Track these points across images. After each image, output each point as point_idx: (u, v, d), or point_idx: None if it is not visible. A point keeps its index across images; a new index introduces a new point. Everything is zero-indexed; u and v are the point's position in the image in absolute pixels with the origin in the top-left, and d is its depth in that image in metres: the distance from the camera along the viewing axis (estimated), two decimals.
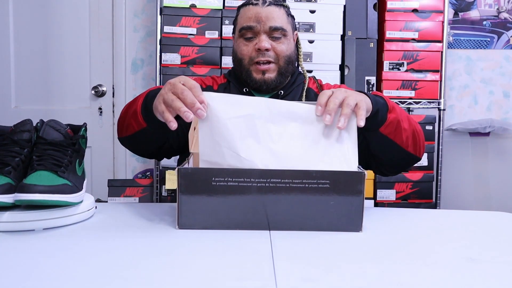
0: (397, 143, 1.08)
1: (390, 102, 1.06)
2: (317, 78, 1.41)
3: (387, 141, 1.07)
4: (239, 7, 1.33)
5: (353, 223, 0.87)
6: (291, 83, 1.34)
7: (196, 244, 0.79)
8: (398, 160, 1.14)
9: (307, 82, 1.35)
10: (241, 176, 0.84)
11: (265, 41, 1.25)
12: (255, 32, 1.27)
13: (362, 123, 0.89)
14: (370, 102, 0.95)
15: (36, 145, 0.92)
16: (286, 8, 1.31)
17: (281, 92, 1.32)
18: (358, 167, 0.91)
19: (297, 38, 1.36)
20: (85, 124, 1.01)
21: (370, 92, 1.16)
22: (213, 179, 0.84)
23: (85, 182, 1.00)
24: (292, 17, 1.34)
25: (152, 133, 1.09)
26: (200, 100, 0.88)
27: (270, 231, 0.86)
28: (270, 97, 1.32)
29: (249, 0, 1.30)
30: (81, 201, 0.93)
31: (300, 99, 1.32)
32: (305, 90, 1.33)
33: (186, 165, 0.94)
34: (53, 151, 0.92)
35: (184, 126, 1.03)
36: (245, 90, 1.33)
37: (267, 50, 1.26)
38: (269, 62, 1.27)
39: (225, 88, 1.36)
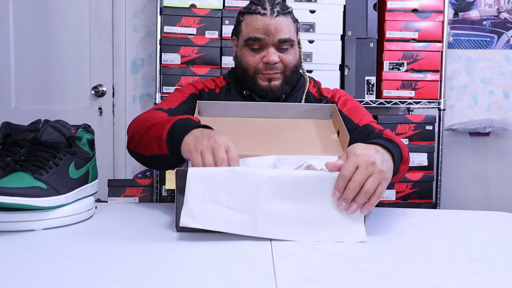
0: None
1: (404, 153, 1.01)
2: (316, 80, 1.41)
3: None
4: (243, 13, 1.29)
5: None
6: (292, 87, 1.34)
7: (194, 246, 0.79)
8: None
9: (307, 85, 1.35)
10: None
11: (273, 55, 1.24)
12: (262, 45, 1.25)
13: (364, 213, 0.83)
14: (392, 167, 0.88)
15: (32, 146, 0.91)
16: (292, 14, 1.29)
17: (282, 96, 1.32)
18: None
19: (299, 40, 1.36)
20: (83, 125, 0.98)
21: (382, 132, 1.09)
22: None
23: (88, 185, 0.98)
24: (297, 21, 1.32)
25: (172, 160, 1.02)
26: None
27: None
28: (270, 101, 1.32)
29: (256, 8, 1.25)
30: (60, 205, 0.89)
31: (300, 102, 1.32)
32: (305, 93, 1.33)
33: (184, 167, 0.93)
34: (42, 152, 0.90)
35: None
36: (245, 92, 1.32)
37: (275, 63, 1.25)
38: (275, 73, 1.26)
39: (226, 90, 1.35)
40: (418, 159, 2.17)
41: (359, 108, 1.30)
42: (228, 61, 2.09)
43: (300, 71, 1.38)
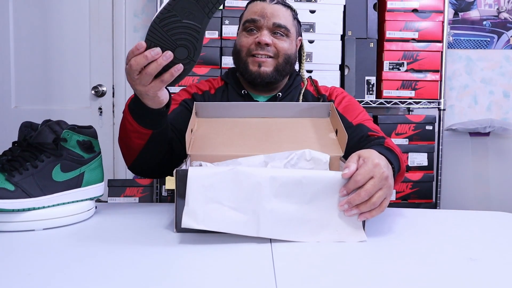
0: None
1: (402, 165, 1.02)
2: (313, 78, 1.41)
3: None
4: (248, 3, 1.34)
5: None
6: (288, 85, 1.34)
7: (194, 246, 0.79)
8: None
9: (305, 85, 1.36)
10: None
11: (266, 36, 1.26)
12: (258, 27, 1.27)
13: (361, 219, 0.82)
14: (393, 184, 0.87)
15: (26, 146, 0.90)
16: (294, 12, 1.32)
17: (279, 95, 1.32)
18: None
19: (301, 44, 1.37)
20: (70, 126, 0.92)
21: (384, 141, 1.10)
22: None
23: (81, 189, 0.94)
24: (298, 22, 1.34)
25: (159, 138, 1.04)
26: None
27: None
28: (268, 100, 1.32)
29: None
30: (28, 208, 0.86)
31: (297, 101, 1.32)
32: (302, 93, 1.34)
33: (183, 167, 0.93)
34: (27, 153, 0.88)
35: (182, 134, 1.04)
36: (244, 92, 1.32)
37: (267, 44, 1.26)
38: (267, 56, 1.27)
39: (223, 91, 1.35)
40: (418, 159, 2.17)
41: (354, 106, 1.30)
42: (228, 61, 2.09)
43: (300, 72, 1.38)
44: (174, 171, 0.83)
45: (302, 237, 0.82)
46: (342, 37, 2.15)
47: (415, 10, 2.18)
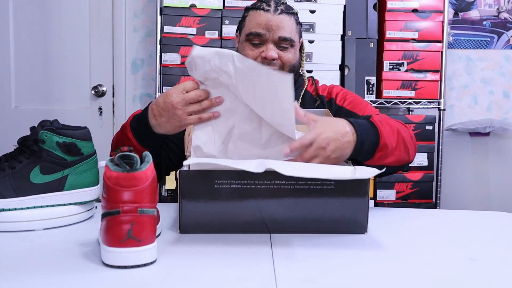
0: (388, 165, 1.02)
1: (382, 139, 0.98)
2: (315, 79, 1.41)
3: (377, 167, 1.06)
4: (249, 9, 1.30)
5: (359, 225, 0.86)
6: None
7: (195, 247, 0.79)
8: (390, 172, 1.12)
9: (306, 85, 1.35)
10: (245, 178, 0.82)
11: (272, 51, 1.24)
12: (263, 40, 1.25)
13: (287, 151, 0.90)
14: (349, 153, 0.94)
15: (18, 147, 0.89)
16: (296, 15, 1.29)
17: None
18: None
19: (302, 43, 1.36)
20: (48, 126, 0.87)
21: (371, 116, 1.08)
22: (216, 181, 0.82)
23: (64, 193, 0.90)
24: (300, 24, 1.32)
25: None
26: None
27: (270, 234, 0.86)
28: None
29: (261, 4, 1.26)
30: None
31: (296, 100, 1.32)
32: (302, 94, 1.34)
33: (185, 168, 0.93)
34: (11, 153, 0.88)
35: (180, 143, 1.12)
36: None
37: (273, 59, 1.25)
38: (273, 69, 1.26)
39: None
40: (418, 159, 2.17)
41: (359, 100, 1.32)
42: None
43: (300, 71, 1.38)
44: (178, 172, 0.83)
45: (314, 173, 0.81)
46: (342, 37, 2.15)
47: (415, 10, 2.18)
